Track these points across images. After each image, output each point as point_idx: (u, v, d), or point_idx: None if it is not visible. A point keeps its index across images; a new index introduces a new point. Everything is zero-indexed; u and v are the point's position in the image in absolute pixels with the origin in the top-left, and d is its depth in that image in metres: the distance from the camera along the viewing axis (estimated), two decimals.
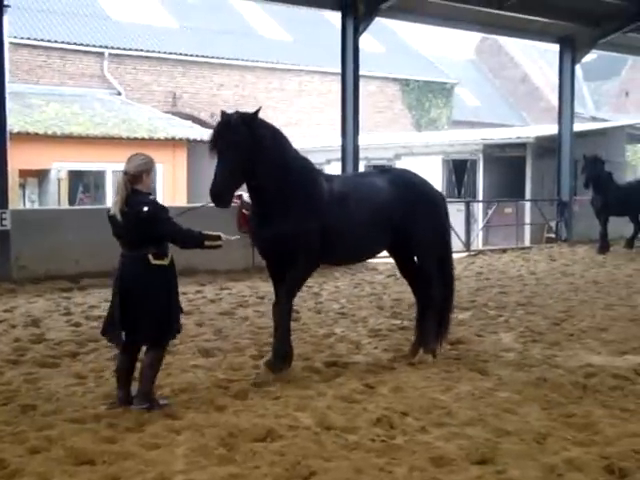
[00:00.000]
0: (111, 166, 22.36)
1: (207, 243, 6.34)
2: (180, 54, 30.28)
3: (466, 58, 54.58)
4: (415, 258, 8.23)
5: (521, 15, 20.25)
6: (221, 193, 6.81)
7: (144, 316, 6.09)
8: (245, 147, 6.84)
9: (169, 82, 30.15)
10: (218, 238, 6.40)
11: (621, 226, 20.47)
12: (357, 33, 17.34)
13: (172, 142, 23.84)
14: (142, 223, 5.99)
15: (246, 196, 15.54)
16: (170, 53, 30.04)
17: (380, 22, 39.04)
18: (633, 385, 7.07)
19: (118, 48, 28.91)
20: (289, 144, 7.43)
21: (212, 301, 11.97)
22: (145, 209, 5.97)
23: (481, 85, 50.39)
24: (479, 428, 5.78)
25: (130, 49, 29.26)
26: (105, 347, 8.49)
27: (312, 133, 32.43)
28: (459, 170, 25.20)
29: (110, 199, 23.09)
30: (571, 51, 21.79)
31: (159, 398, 6.35)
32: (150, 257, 6.06)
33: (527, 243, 22.18)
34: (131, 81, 29.19)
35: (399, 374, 7.39)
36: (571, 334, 9.50)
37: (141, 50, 29.39)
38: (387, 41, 40.55)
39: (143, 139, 22.47)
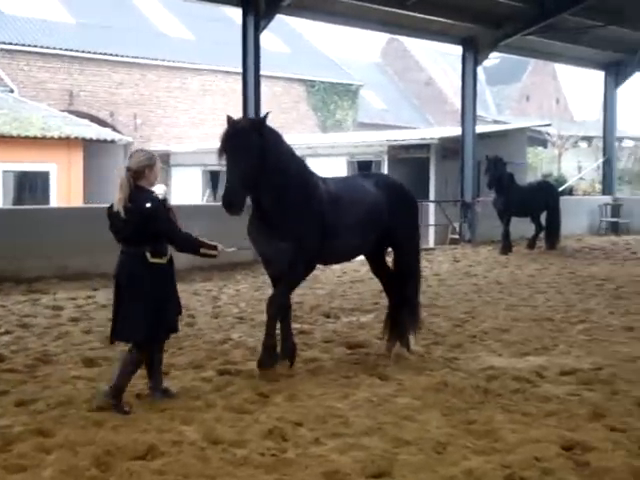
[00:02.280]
0: (1, 166, 21.40)
1: (203, 251, 6.35)
2: (77, 51, 29.25)
3: (372, 61, 54.90)
4: (392, 256, 8.49)
5: (424, 15, 20.24)
6: (234, 200, 6.78)
7: (136, 314, 6.07)
8: (255, 153, 6.84)
9: (66, 80, 29.09)
10: (215, 248, 6.41)
11: (523, 227, 20.64)
12: (258, 30, 16.92)
13: (67, 141, 22.94)
14: (144, 219, 5.99)
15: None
16: (66, 50, 28.98)
17: (286, 23, 38.87)
18: (535, 388, 6.87)
19: (10, 43, 27.70)
20: (289, 148, 7.44)
21: (103, 307, 11.32)
22: (148, 205, 5.98)
23: (387, 88, 50.71)
24: (376, 438, 5.46)
25: (24, 44, 28.05)
26: None
27: (215, 133, 31.86)
28: (364, 171, 25.04)
29: (0, 200, 22.07)
30: (473, 52, 21.90)
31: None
32: (148, 255, 6.07)
33: (431, 244, 22.16)
34: (25, 78, 28.02)
35: (295, 381, 7.02)
36: (473, 335, 9.32)
37: (35, 46, 28.22)
38: (292, 42, 40.33)
39: (35, 138, 21.53)
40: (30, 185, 23.32)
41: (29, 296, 12.07)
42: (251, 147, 6.82)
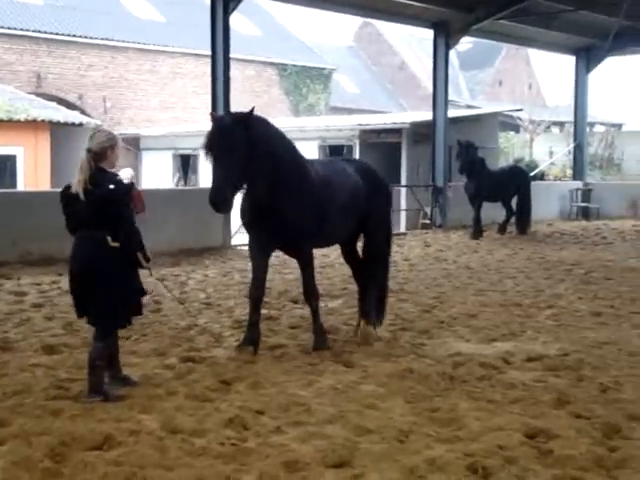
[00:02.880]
0: None
1: (139, 254, 6.13)
2: (45, 32, 28.74)
3: (345, 45, 54.62)
4: (362, 241, 8.65)
5: None
6: (221, 200, 6.81)
7: (99, 299, 5.95)
8: (241, 149, 6.83)
9: (33, 62, 28.58)
10: (148, 260, 6.25)
11: (494, 212, 20.64)
12: (227, 12, 16.66)
13: (34, 124, 22.56)
14: (106, 203, 5.84)
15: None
16: (34, 31, 28.45)
17: (258, 5, 38.53)
18: (500, 374, 6.82)
19: None
20: (278, 135, 7.45)
21: (67, 292, 11.15)
22: (111, 187, 5.84)
23: (360, 72, 50.50)
24: (339, 426, 5.37)
25: None
26: None
27: (187, 117, 31.56)
28: (335, 155, 24.87)
29: None
30: (445, 36, 21.77)
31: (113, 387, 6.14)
32: (109, 238, 5.89)
33: (402, 229, 22.11)
34: None
35: (259, 369, 6.91)
36: (441, 321, 9.27)
37: (2, 27, 27.68)
38: (264, 25, 40.01)
39: (1, 121, 21.14)
40: None
41: None
42: (236, 145, 6.83)
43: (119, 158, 6.19)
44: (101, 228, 5.91)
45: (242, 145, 6.84)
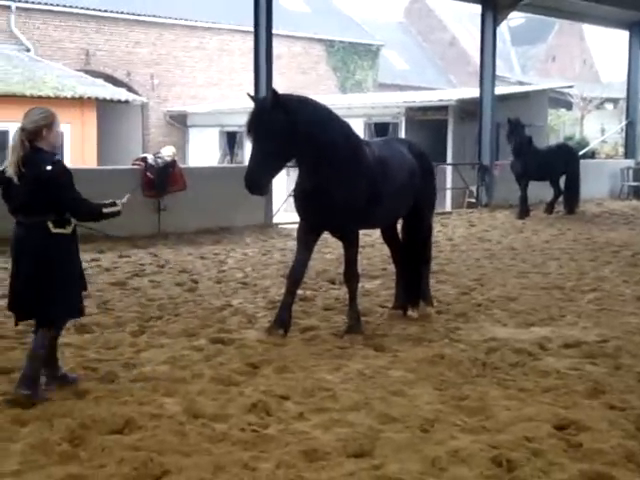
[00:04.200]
0: (14, 125, 21.23)
1: (105, 211, 5.74)
2: (94, 9, 28.81)
3: (395, 21, 53.98)
4: (412, 221, 8.52)
5: None
6: (254, 181, 6.80)
7: (40, 290, 5.48)
8: (278, 133, 6.73)
9: (82, 39, 28.68)
10: (114, 204, 5.82)
11: (542, 191, 20.24)
12: None
13: (80, 101, 22.69)
14: (44, 185, 5.36)
15: (150, 158, 14.87)
16: (83, 8, 28.54)
17: None
18: (535, 361, 6.64)
19: (26, 2, 27.26)
20: (329, 114, 7.30)
21: (107, 270, 11.23)
22: (48, 168, 5.36)
23: (409, 48, 49.88)
24: (363, 414, 5.26)
25: (39, 3, 27.66)
26: None
27: (233, 94, 31.50)
28: (381, 133, 24.53)
29: None
30: (493, 12, 21.29)
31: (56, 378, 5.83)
32: (50, 225, 5.44)
33: (448, 208, 21.82)
34: (41, 37, 27.67)
35: (287, 352, 6.82)
36: (479, 304, 9.09)
37: (51, 4, 27.84)
38: (313, 1, 39.67)
39: (49, 97, 21.26)
40: None
41: None
42: (273, 128, 6.75)
43: (59, 138, 5.74)
44: (40, 213, 5.45)
45: (280, 129, 6.75)
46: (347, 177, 7.25)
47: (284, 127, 6.77)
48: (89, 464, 4.42)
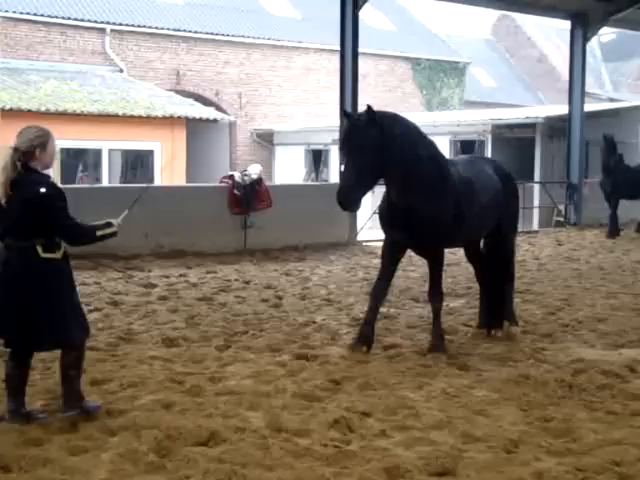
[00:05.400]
0: (107, 144, 21.94)
1: (100, 233, 5.48)
2: (184, 30, 29.57)
3: (482, 38, 53.58)
4: (495, 240, 8.49)
5: None
6: (347, 197, 6.84)
7: (26, 317, 5.20)
8: (373, 149, 6.79)
9: (173, 59, 29.44)
10: (109, 225, 5.54)
11: (633, 209, 19.75)
12: (357, 7, 16.63)
13: (170, 120, 23.30)
14: (35, 207, 5.14)
15: (237, 176, 15.13)
16: (174, 30, 29.32)
17: (392, 0, 38.36)
18: (624, 383, 6.48)
19: (120, 24, 28.22)
20: (419, 133, 7.36)
21: (194, 285, 11.45)
22: (42, 190, 5.14)
23: (497, 65, 49.41)
24: (445, 433, 5.23)
25: (132, 25, 28.58)
26: None
27: (319, 112, 31.78)
28: (467, 151, 24.34)
29: (106, 178, 22.61)
30: (582, 27, 20.97)
31: (89, 402, 5.60)
32: (39, 249, 5.19)
33: (535, 227, 21.50)
34: (134, 58, 28.53)
35: (370, 369, 6.83)
36: (566, 325, 8.92)
37: (144, 26, 28.70)
38: (399, 20, 39.73)
39: (140, 117, 21.94)
40: (136, 163, 23.85)
41: (124, 273, 12.28)
42: (368, 146, 6.79)
43: (53, 158, 5.47)
44: (30, 236, 5.20)
45: (374, 146, 6.80)
46: (435, 195, 7.26)
47: (378, 143, 6.82)
48: (175, 475, 4.51)
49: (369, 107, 6.94)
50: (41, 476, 4.43)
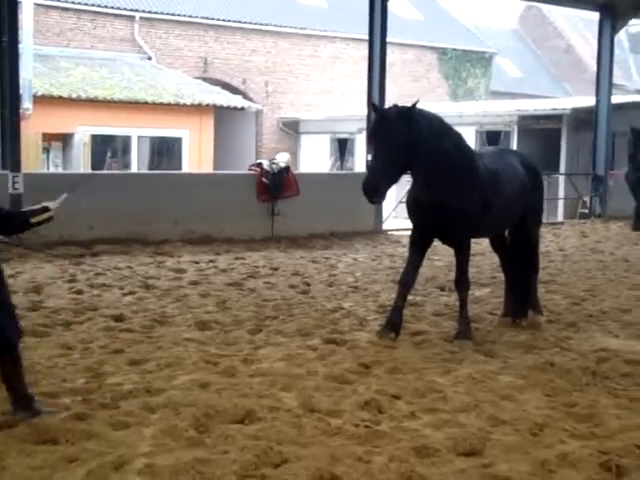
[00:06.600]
0: (136, 131, 22.23)
1: (35, 220, 5.18)
2: (212, 19, 29.80)
3: (509, 28, 53.34)
4: (519, 231, 8.63)
5: None
6: (373, 188, 6.95)
7: None
8: (401, 143, 6.92)
9: (201, 47, 29.69)
10: (45, 210, 5.24)
11: None
12: None
13: (199, 108, 23.54)
14: None
15: (266, 164, 15.33)
16: (202, 17, 29.56)
17: None
18: None
19: (149, 12, 28.50)
20: (446, 127, 7.49)
21: (223, 271, 11.67)
22: None
23: (523, 56, 49.21)
24: (473, 416, 5.40)
25: (161, 13, 28.83)
26: (101, 316, 8.28)
27: (345, 101, 31.90)
28: (493, 142, 24.46)
29: (135, 165, 22.90)
30: (611, 19, 20.94)
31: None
32: None
33: (560, 218, 21.56)
34: (162, 46, 28.80)
35: (398, 354, 7.01)
36: (590, 315, 9.05)
37: (172, 14, 28.94)
38: (426, 9, 39.70)
39: (169, 104, 22.20)
40: (163, 150, 24.14)
41: (155, 258, 12.54)
42: (395, 139, 6.92)
43: None
44: None
45: (402, 139, 6.93)
46: (462, 187, 7.42)
47: (406, 136, 6.95)
48: (214, 450, 4.72)
49: (396, 105, 7.15)
50: (87, 448, 4.65)
